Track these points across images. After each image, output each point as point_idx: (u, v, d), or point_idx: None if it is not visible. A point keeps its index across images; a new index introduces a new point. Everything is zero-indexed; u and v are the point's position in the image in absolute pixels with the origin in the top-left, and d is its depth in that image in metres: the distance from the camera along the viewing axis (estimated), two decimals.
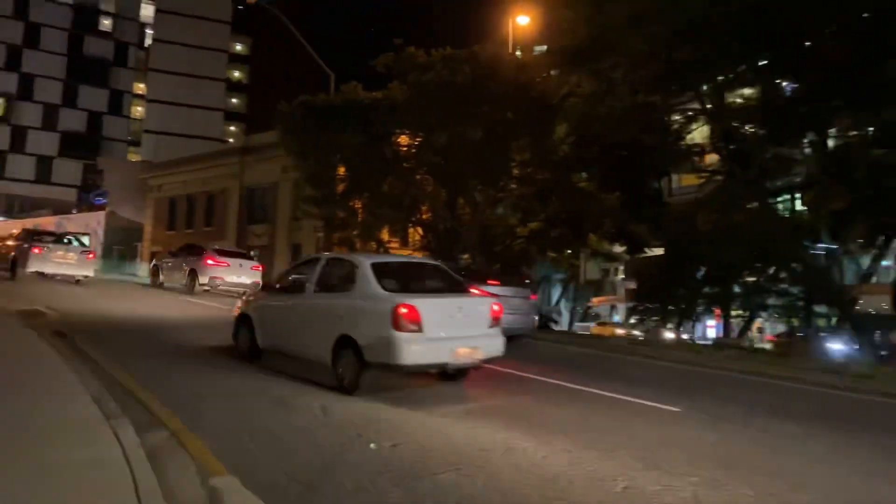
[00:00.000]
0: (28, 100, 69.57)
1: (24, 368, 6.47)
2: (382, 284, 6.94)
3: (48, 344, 8.31)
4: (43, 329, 9.81)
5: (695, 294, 17.18)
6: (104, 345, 8.81)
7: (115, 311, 13.39)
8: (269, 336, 8.22)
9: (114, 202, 48.19)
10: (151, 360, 8.11)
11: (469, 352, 7.01)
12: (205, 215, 39.49)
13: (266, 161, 36.11)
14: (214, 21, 67.71)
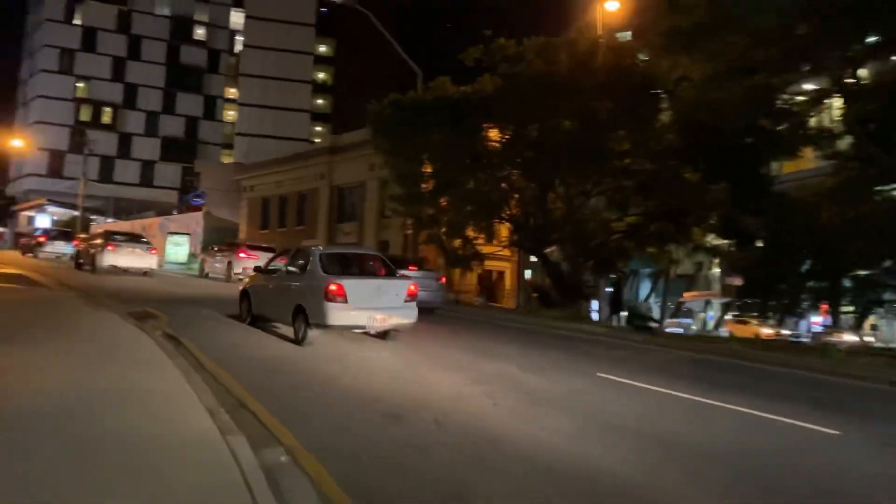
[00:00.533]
0: (132, 108, 74.10)
1: (141, 373, 6.50)
2: (324, 269, 9.54)
3: (160, 347, 8.42)
4: (154, 330, 10.04)
5: (799, 288, 16.17)
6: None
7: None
8: (257, 305, 11.12)
9: (210, 203, 50.39)
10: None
11: (384, 318, 9.49)
12: (296, 214, 40.55)
13: (354, 160, 36.62)
14: (299, 24, 69.58)
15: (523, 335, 13.30)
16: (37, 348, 7.03)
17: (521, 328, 14.78)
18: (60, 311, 10.46)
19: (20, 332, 7.94)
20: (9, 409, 4.77)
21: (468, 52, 18.12)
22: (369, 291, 9.47)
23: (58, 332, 8.34)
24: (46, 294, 12.22)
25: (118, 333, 8.92)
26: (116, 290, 15.35)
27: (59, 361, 6.49)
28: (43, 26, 72.84)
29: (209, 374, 7.00)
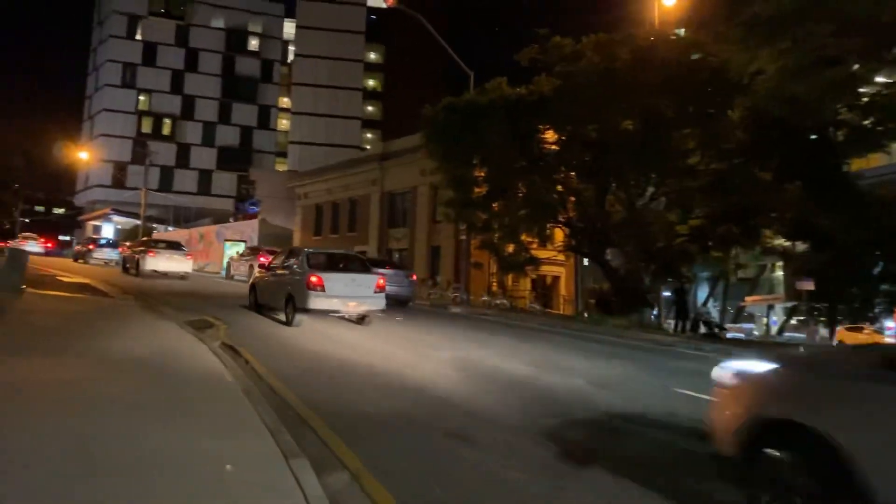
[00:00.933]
0: (190, 119, 76.43)
1: (200, 393, 6.31)
2: (309, 265, 12.08)
3: (219, 359, 8.26)
4: (213, 341, 9.94)
5: (872, 291, 15.30)
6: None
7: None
8: (261, 296, 13.77)
9: (265, 210, 51.33)
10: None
11: (356, 305, 12.19)
12: (348, 220, 40.79)
13: (404, 166, 36.57)
14: (349, 32, 70.38)
15: (586, 345, 12.72)
16: (105, 358, 6.96)
17: (583, 337, 14.19)
18: (128, 321, 10.50)
19: (93, 342, 7.92)
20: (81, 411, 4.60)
21: (524, 53, 17.66)
22: (344, 283, 11.94)
23: (126, 342, 8.30)
24: (111, 304, 12.35)
25: (182, 351, 8.83)
26: (165, 292, 16.82)
27: (124, 377, 6.37)
28: (107, 42, 75.96)
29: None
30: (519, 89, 17.90)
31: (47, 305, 10.55)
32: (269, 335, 11.08)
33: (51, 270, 22.09)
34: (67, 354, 7.05)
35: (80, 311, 10.37)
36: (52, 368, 6.26)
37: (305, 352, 9.64)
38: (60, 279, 16.36)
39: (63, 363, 6.55)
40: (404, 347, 10.52)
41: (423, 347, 10.60)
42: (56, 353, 7.03)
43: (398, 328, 13.45)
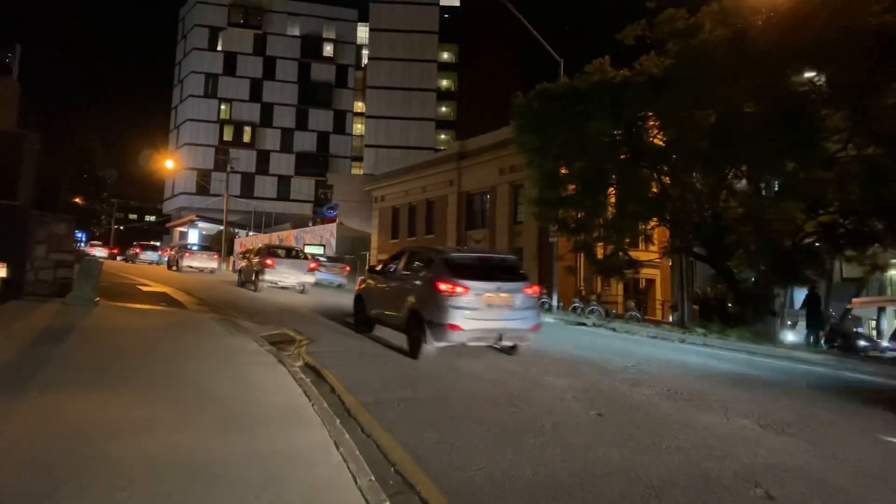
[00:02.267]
0: (268, 126, 77.98)
1: (280, 427, 5.03)
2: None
3: (299, 385, 7.03)
4: (293, 360, 8.77)
5: None
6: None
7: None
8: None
9: (341, 214, 51.20)
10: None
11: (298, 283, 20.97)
12: (425, 223, 39.74)
13: (482, 165, 35.13)
14: (423, 32, 69.70)
15: (721, 366, 10.79)
16: (177, 394, 5.82)
17: (710, 353, 12.24)
18: (201, 338, 9.50)
19: (160, 367, 6.85)
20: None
21: (628, 30, 15.77)
22: (291, 267, 21.14)
23: (196, 368, 7.20)
24: (185, 317, 11.47)
25: (262, 382, 7.66)
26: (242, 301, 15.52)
27: (189, 419, 5.17)
28: (190, 55, 78.61)
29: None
30: (623, 71, 15.97)
31: (118, 320, 9.71)
32: (358, 352, 9.82)
33: (135, 279, 21.71)
34: (128, 386, 5.96)
35: (151, 327, 9.44)
36: (105, 407, 5.13)
37: (416, 379, 8.07)
38: (140, 288, 15.84)
39: (120, 399, 5.43)
40: (515, 375, 8.72)
41: (542, 374, 8.97)
42: (115, 385, 5.95)
43: None
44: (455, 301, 8.65)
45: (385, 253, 42.84)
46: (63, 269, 12.13)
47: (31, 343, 7.31)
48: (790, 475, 4.84)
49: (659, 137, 15.69)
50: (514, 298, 9.15)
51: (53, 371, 6.19)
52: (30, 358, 6.63)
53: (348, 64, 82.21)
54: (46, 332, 8.09)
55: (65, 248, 12.32)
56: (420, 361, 9.00)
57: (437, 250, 9.86)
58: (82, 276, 10.37)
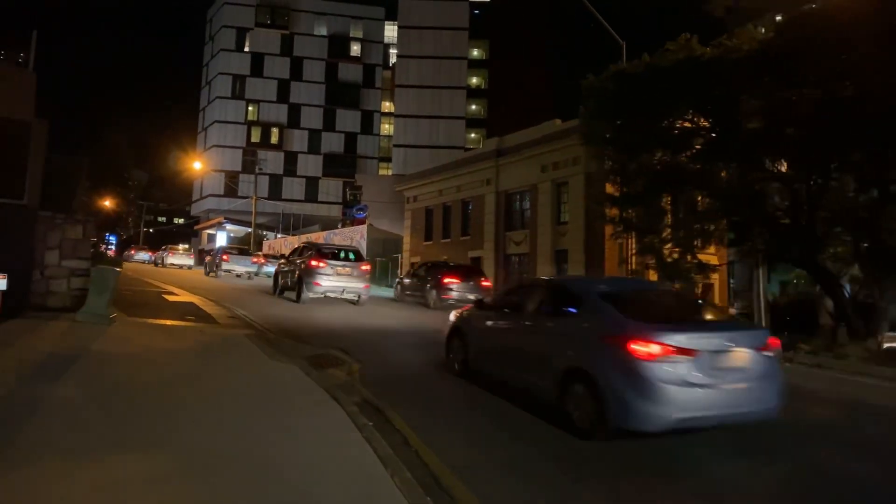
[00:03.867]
0: (296, 127, 77.04)
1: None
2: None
3: (367, 441, 5.37)
4: (347, 394, 7.13)
5: None
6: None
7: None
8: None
9: (371, 215, 49.81)
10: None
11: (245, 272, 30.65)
12: (461, 224, 38.01)
13: (522, 162, 33.25)
14: (453, 29, 68.05)
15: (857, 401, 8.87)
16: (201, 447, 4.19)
17: (826, 376, 10.33)
18: (235, 366, 7.93)
19: (181, 416, 5.24)
20: None
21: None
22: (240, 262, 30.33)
23: (228, 414, 5.59)
24: (216, 336, 9.89)
25: (311, 432, 6.02)
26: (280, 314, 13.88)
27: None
28: (218, 56, 78.07)
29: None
30: (710, 48, 13.91)
31: (137, 343, 8.17)
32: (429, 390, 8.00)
33: (163, 286, 20.02)
34: (140, 452, 4.34)
35: (176, 353, 7.87)
36: (105, 491, 3.52)
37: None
38: (165, 298, 14.38)
39: (127, 474, 3.81)
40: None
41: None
42: (123, 451, 4.34)
43: None
44: (321, 271, 16.56)
45: (418, 256, 41.21)
46: (78, 279, 10.69)
47: (22, 380, 5.76)
48: None
49: (754, 122, 13.61)
50: (353, 271, 17.38)
51: (42, 426, 4.61)
52: (14, 405, 5.07)
53: (376, 63, 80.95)
54: (46, 362, 6.56)
55: (80, 254, 10.87)
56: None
57: (314, 244, 19.55)
58: (96, 289, 8.87)
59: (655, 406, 5.37)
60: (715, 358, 5.62)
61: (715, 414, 5.60)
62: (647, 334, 5.57)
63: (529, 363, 6.72)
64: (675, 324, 5.92)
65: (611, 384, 5.61)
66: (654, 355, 5.45)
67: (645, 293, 7.47)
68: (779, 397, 5.83)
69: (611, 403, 5.57)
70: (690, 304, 7.39)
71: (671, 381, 5.41)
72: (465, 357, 8.15)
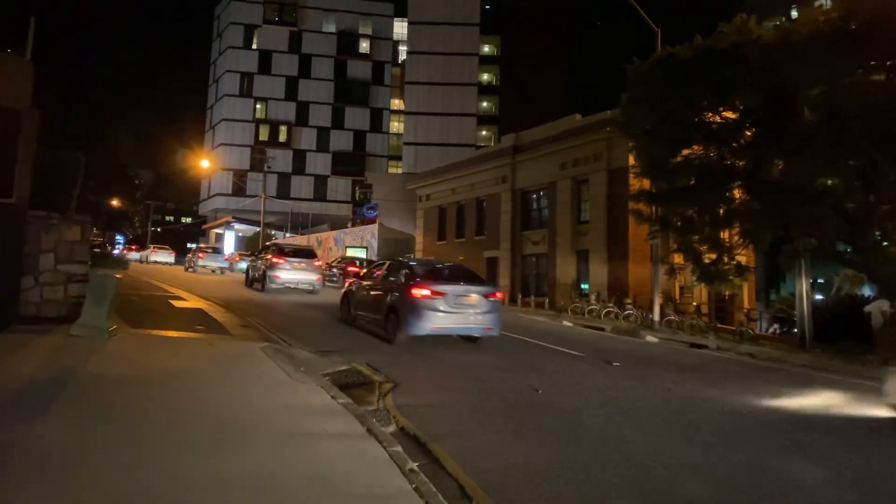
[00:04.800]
0: (304, 125, 76.10)
1: None
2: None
3: (399, 470, 4.36)
4: (382, 422, 6.10)
5: None
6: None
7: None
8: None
9: (381, 214, 48.83)
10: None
11: (217, 267, 34.11)
12: (476, 223, 36.93)
13: (540, 159, 32.13)
14: (463, 25, 66.90)
15: None
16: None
17: None
18: (249, 387, 6.90)
19: (188, 466, 4.21)
20: None
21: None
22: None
23: (244, 455, 4.55)
24: (227, 350, 8.86)
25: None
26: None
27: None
28: (225, 53, 77.24)
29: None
30: (772, 27, 12.64)
31: (137, 358, 7.15)
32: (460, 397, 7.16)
33: (151, 281, 19.87)
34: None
35: (181, 372, 6.83)
36: None
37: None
38: (172, 304, 13.38)
39: None
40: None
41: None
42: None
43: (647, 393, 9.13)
44: (280, 266, 19.38)
45: (431, 256, 40.14)
46: (76, 285, 9.68)
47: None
48: None
49: (818, 111, 12.33)
50: (307, 266, 20.53)
51: (9, 487, 3.56)
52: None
53: (385, 60, 79.87)
54: (29, 389, 5.53)
55: (78, 258, 9.86)
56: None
57: (276, 244, 23.56)
58: (93, 298, 7.84)
59: (423, 322, 10.24)
60: (457, 298, 10.45)
61: (456, 327, 10.62)
62: (421, 285, 10.41)
63: (375, 307, 11.61)
64: (440, 280, 10.68)
65: (405, 312, 10.38)
66: (424, 296, 10.29)
67: (441, 267, 12.11)
68: (496, 324, 10.89)
69: (403, 322, 10.39)
70: (465, 272, 12.04)
71: (431, 309, 10.22)
72: (349, 310, 13.19)
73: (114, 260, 32.03)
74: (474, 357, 10.38)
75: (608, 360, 10.72)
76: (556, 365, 10.23)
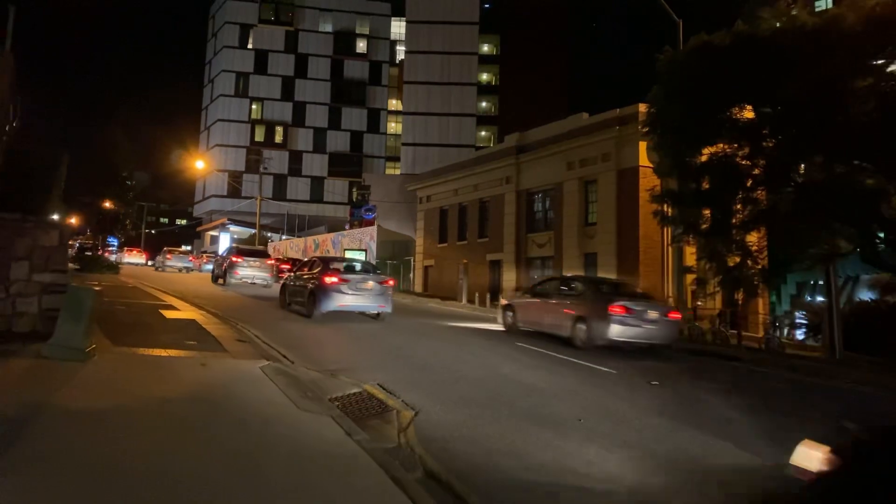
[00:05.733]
0: (301, 126, 75.04)
1: None
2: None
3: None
4: (407, 466, 5.12)
5: None
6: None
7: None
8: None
9: (379, 216, 47.83)
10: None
11: (183, 267, 38.75)
12: (478, 225, 35.94)
13: (546, 159, 31.18)
14: (463, 24, 65.97)
15: None
16: None
17: None
18: (247, 426, 5.90)
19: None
20: None
21: None
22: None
23: None
24: (222, 373, 7.85)
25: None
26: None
27: None
28: (221, 53, 76.14)
29: None
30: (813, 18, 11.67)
31: (117, 386, 6.12)
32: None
33: (128, 280, 19.36)
34: None
35: (167, 402, 5.81)
36: None
37: None
38: (162, 314, 12.34)
39: None
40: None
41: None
42: None
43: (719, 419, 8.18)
44: (239, 264, 22.91)
45: (432, 259, 39.16)
46: (52, 297, 8.66)
47: None
48: None
49: (866, 105, 11.34)
50: (261, 265, 24.74)
51: None
52: None
53: (382, 60, 78.92)
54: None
55: (56, 266, 8.85)
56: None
57: (237, 247, 29.21)
58: (68, 315, 6.81)
59: (331, 301, 13.85)
60: (357, 283, 14.20)
61: (356, 306, 14.27)
62: (329, 273, 14.15)
63: (302, 295, 14.93)
64: (346, 272, 14.84)
65: (319, 294, 13.89)
66: (332, 282, 13.94)
67: (349, 262, 16.59)
68: (388, 303, 14.63)
69: (317, 302, 13.92)
70: (368, 265, 17.92)
71: (337, 292, 13.82)
72: (285, 299, 16.39)
73: (105, 265, 30.92)
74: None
75: (647, 379, 9.73)
76: (588, 387, 9.23)
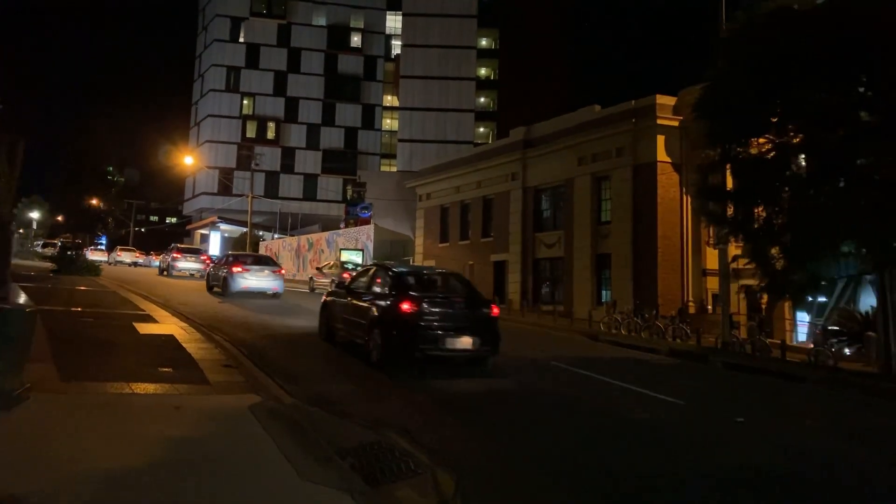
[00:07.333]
0: (293, 121, 73.04)
1: None
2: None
3: None
4: None
5: None
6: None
7: None
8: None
9: (375, 214, 46.08)
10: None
11: (132, 261, 48.80)
12: (482, 224, 34.20)
13: (554, 154, 29.45)
14: (460, 17, 64.20)
15: None
16: None
17: None
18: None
19: None
20: None
21: None
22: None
23: None
24: (198, 416, 6.09)
25: None
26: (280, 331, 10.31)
27: None
28: (211, 47, 74.03)
29: None
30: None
31: (41, 454, 4.31)
32: None
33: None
34: None
35: (108, 485, 4.04)
36: None
37: None
38: (135, 328, 10.54)
39: None
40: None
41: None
42: None
43: None
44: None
45: (432, 259, 37.37)
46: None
47: None
48: None
49: None
50: (196, 259, 32.46)
51: None
52: None
53: (377, 55, 76.97)
54: None
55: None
56: None
57: (178, 246, 36.63)
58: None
59: (236, 284, 20.84)
60: (256, 271, 21.65)
61: (255, 287, 21.21)
62: (236, 265, 21.50)
63: (217, 280, 22.14)
64: (248, 263, 22.23)
65: (228, 280, 20.96)
66: (237, 271, 21.16)
67: (254, 256, 26.04)
68: (280, 286, 21.98)
69: (225, 286, 20.97)
70: (266, 258, 26.64)
71: (239, 276, 20.98)
72: (209, 286, 22.95)
73: (85, 265, 29.04)
74: None
75: (729, 415, 8.04)
76: (648, 414, 7.52)
